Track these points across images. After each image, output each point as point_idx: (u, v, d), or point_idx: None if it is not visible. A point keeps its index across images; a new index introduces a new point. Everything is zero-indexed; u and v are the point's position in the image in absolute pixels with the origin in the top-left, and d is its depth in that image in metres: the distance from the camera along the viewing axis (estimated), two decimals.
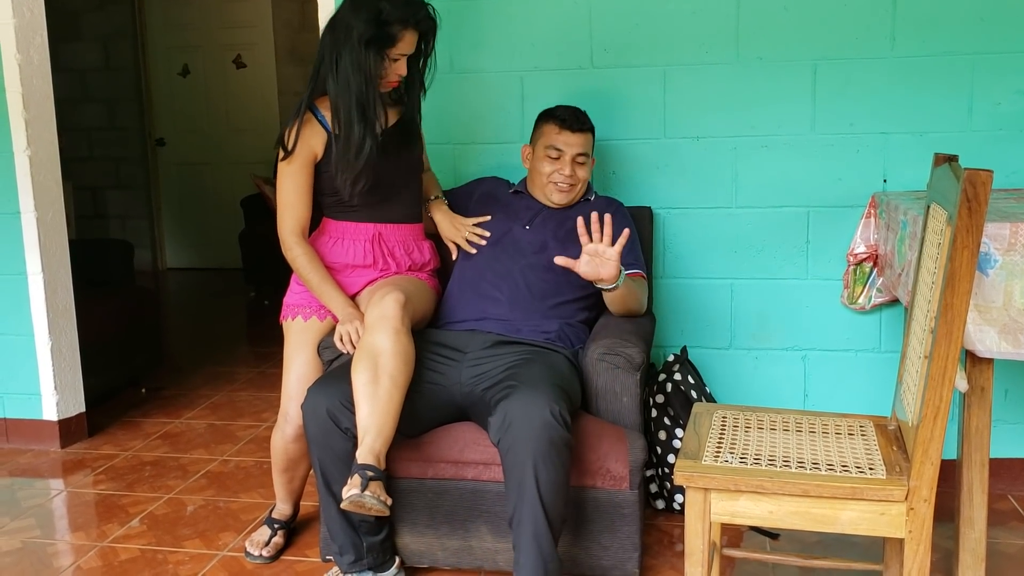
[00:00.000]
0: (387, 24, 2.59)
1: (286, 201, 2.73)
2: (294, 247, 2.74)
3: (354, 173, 2.66)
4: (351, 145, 2.64)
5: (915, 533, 1.91)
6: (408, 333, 2.48)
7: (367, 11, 2.58)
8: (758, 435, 2.19)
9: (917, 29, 3.04)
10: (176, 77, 8.06)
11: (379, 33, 2.59)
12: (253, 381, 4.80)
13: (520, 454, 2.27)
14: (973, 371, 2.26)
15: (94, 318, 4.16)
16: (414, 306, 2.60)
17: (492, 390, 2.49)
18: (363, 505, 2.25)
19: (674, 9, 3.16)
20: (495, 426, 2.33)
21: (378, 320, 2.46)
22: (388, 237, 2.82)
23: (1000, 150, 3.04)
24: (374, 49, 2.60)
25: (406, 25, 2.62)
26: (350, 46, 2.59)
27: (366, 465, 2.29)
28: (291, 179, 2.72)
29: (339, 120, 2.65)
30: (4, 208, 3.75)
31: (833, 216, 3.16)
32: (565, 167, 2.85)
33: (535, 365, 2.52)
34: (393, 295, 2.51)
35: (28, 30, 3.68)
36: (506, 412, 2.31)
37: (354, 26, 2.58)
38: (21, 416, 3.88)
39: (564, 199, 2.90)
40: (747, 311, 3.27)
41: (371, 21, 2.57)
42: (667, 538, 2.93)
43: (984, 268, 2.14)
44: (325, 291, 2.72)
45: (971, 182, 1.74)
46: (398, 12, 2.60)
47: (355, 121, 2.62)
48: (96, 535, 3.05)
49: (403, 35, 2.63)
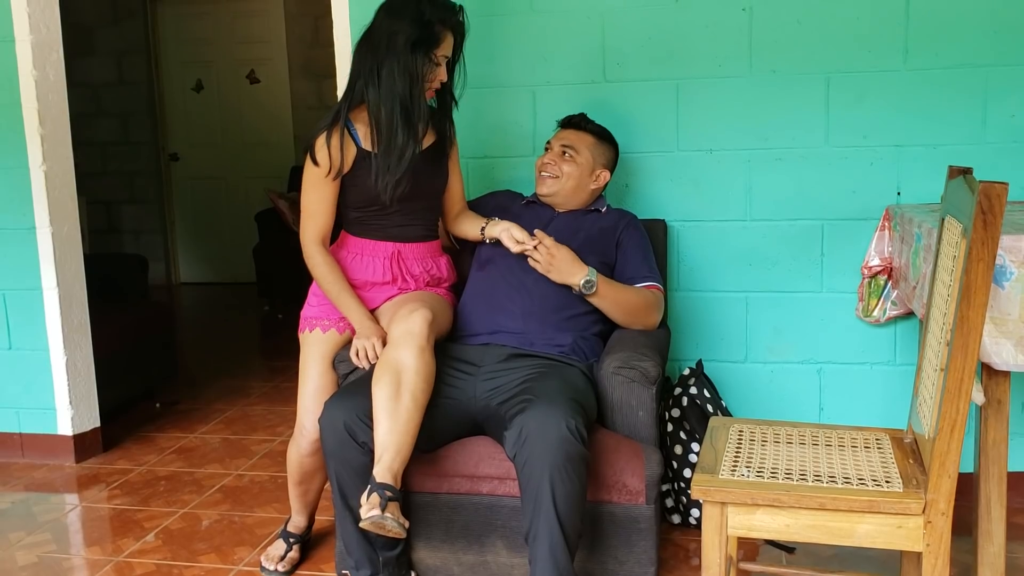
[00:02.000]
0: (431, 24, 2.63)
1: (310, 210, 2.74)
2: (315, 255, 2.74)
3: (396, 176, 2.65)
4: (394, 150, 2.64)
5: (933, 547, 1.90)
6: (432, 352, 2.49)
7: (409, 14, 2.62)
8: (774, 449, 2.18)
9: (930, 42, 3.04)
10: (190, 92, 8.11)
11: (424, 34, 2.62)
12: (267, 395, 4.81)
13: (536, 468, 2.27)
14: (989, 384, 2.25)
15: (109, 333, 4.17)
16: (439, 325, 2.61)
17: (507, 404, 2.49)
18: (383, 527, 2.25)
19: (687, 23, 3.17)
20: (511, 440, 2.33)
21: (404, 336, 2.46)
22: (407, 255, 2.83)
23: (1015, 162, 3.03)
24: (422, 50, 2.62)
25: (445, 25, 2.66)
26: (394, 52, 2.61)
27: (384, 484, 2.28)
28: (317, 189, 2.72)
29: (380, 129, 2.65)
30: (20, 223, 3.77)
31: (847, 229, 3.15)
32: (550, 157, 2.94)
33: (550, 379, 2.52)
34: (421, 312, 2.51)
35: (44, 47, 3.71)
36: (522, 426, 2.31)
37: (398, 31, 2.60)
38: (36, 431, 3.90)
39: (546, 189, 2.95)
40: (762, 324, 3.27)
41: (415, 23, 2.61)
42: (683, 552, 2.92)
43: (1000, 280, 2.13)
44: (344, 301, 2.72)
45: (986, 194, 1.73)
46: (438, 12, 2.65)
47: (399, 126, 2.63)
48: (111, 550, 3.06)
49: (444, 35, 2.67)
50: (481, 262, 2.93)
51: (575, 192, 2.94)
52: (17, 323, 3.85)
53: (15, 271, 3.81)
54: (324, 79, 7.57)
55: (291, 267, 6.39)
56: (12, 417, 3.92)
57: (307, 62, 7.76)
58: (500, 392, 2.55)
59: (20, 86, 3.69)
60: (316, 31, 7.69)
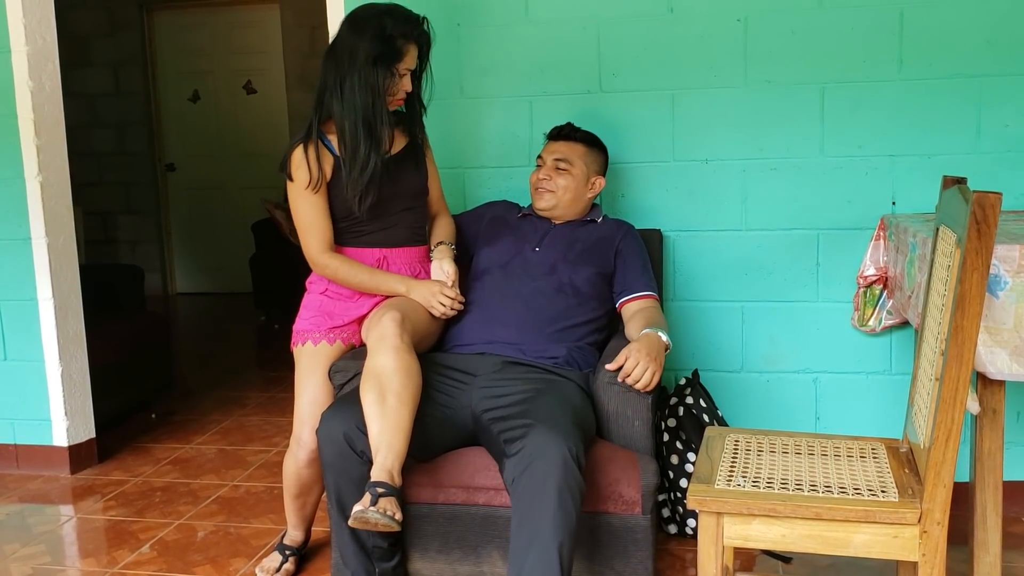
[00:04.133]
0: (392, 39, 2.64)
1: (306, 224, 2.75)
2: (328, 261, 2.76)
3: (359, 188, 2.69)
4: (357, 162, 2.67)
5: (929, 556, 1.90)
6: (409, 350, 2.49)
7: (371, 30, 2.63)
8: (770, 458, 2.18)
9: (924, 52, 3.05)
10: (186, 102, 8.12)
11: (386, 49, 2.64)
12: (263, 406, 4.81)
13: (536, 499, 2.25)
14: (985, 393, 2.25)
15: (104, 343, 4.17)
16: (413, 323, 2.60)
17: (505, 423, 2.45)
18: (367, 521, 2.23)
19: (682, 33, 3.18)
20: (511, 466, 2.31)
21: (378, 342, 2.47)
22: (393, 260, 2.84)
23: (1009, 172, 3.04)
24: (383, 65, 2.64)
25: (408, 39, 2.68)
26: (356, 67, 2.63)
27: (377, 482, 2.28)
28: (306, 202, 2.73)
29: (344, 140, 2.68)
30: (15, 234, 3.77)
31: (843, 238, 3.16)
32: (544, 172, 2.94)
33: (549, 399, 2.49)
34: (389, 315, 2.52)
35: (40, 57, 3.72)
36: (523, 454, 2.28)
37: (359, 47, 2.63)
38: (31, 442, 3.89)
39: (544, 204, 2.95)
40: (758, 334, 3.27)
41: (377, 38, 2.63)
42: (680, 563, 2.91)
43: (994, 290, 2.14)
44: (380, 279, 2.77)
45: (980, 204, 1.74)
46: (400, 27, 2.66)
47: (361, 139, 2.66)
48: (106, 561, 3.05)
49: (407, 49, 2.68)
50: (478, 273, 2.94)
51: (573, 203, 2.95)
52: (12, 334, 3.84)
53: (10, 282, 3.80)
54: None
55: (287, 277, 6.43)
56: (7, 428, 3.91)
57: (303, 72, 7.77)
58: (497, 407, 2.53)
59: (16, 97, 3.68)
60: (312, 42, 7.70)
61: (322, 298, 2.84)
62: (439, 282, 2.78)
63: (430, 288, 2.75)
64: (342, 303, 2.82)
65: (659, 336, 2.60)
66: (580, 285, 2.82)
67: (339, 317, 2.81)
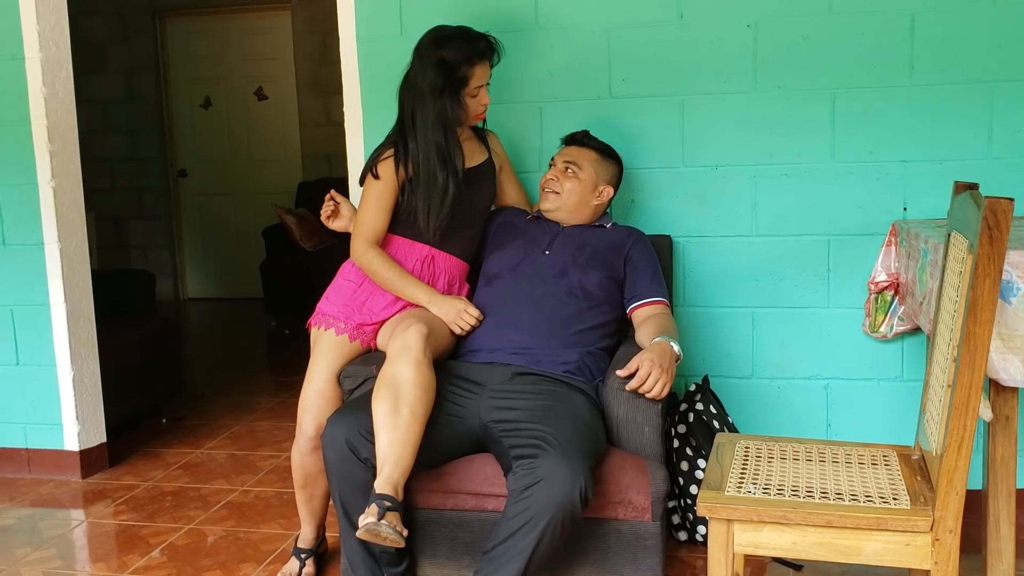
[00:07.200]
0: (454, 68, 2.69)
1: (367, 217, 2.80)
2: (367, 251, 2.79)
3: (438, 213, 2.74)
4: (435, 190, 2.72)
5: (941, 564, 1.89)
6: (429, 365, 2.49)
7: (432, 63, 2.69)
8: (781, 465, 2.17)
9: (935, 57, 3.04)
10: (198, 109, 8.14)
11: (449, 80, 2.69)
12: (274, 411, 4.81)
13: (533, 520, 2.25)
14: (997, 400, 2.24)
15: (116, 348, 4.18)
16: (436, 339, 2.61)
17: (515, 438, 2.43)
18: (379, 535, 2.24)
19: (692, 39, 3.17)
20: (518, 486, 2.30)
21: (400, 350, 2.47)
22: (439, 262, 2.87)
23: (1021, 177, 3.03)
24: (449, 95, 2.69)
25: (471, 63, 2.72)
26: (423, 99, 2.70)
27: (383, 495, 2.28)
28: (377, 200, 2.79)
29: (418, 172, 2.73)
30: (28, 239, 3.78)
31: (854, 244, 3.15)
32: (552, 173, 2.96)
33: (562, 419, 2.45)
34: (416, 327, 2.52)
35: (54, 64, 3.74)
36: (532, 476, 2.27)
37: (424, 79, 2.69)
38: (43, 446, 3.90)
39: (549, 205, 2.96)
40: (769, 340, 3.26)
41: (438, 71, 2.68)
42: (690, 570, 2.90)
43: (1007, 296, 2.13)
44: (408, 283, 2.78)
45: (992, 210, 1.73)
46: (458, 53, 2.70)
47: (437, 170, 2.71)
48: (117, 566, 3.05)
49: (473, 71, 2.73)
50: (488, 277, 2.93)
51: (578, 208, 2.94)
52: (25, 339, 3.86)
53: (23, 287, 3.82)
54: (332, 96, 7.56)
55: (298, 283, 6.45)
56: (19, 432, 3.92)
57: (315, 79, 7.79)
58: (506, 420, 2.51)
59: (30, 103, 3.71)
60: (324, 48, 7.72)
61: (355, 287, 2.85)
62: (463, 299, 2.79)
63: (455, 306, 2.76)
64: (378, 297, 2.82)
65: (671, 345, 2.59)
66: (591, 289, 2.81)
67: (368, 313, 2.82)
